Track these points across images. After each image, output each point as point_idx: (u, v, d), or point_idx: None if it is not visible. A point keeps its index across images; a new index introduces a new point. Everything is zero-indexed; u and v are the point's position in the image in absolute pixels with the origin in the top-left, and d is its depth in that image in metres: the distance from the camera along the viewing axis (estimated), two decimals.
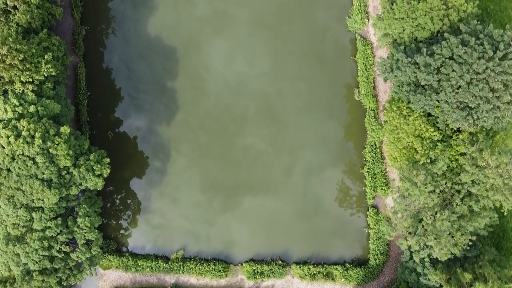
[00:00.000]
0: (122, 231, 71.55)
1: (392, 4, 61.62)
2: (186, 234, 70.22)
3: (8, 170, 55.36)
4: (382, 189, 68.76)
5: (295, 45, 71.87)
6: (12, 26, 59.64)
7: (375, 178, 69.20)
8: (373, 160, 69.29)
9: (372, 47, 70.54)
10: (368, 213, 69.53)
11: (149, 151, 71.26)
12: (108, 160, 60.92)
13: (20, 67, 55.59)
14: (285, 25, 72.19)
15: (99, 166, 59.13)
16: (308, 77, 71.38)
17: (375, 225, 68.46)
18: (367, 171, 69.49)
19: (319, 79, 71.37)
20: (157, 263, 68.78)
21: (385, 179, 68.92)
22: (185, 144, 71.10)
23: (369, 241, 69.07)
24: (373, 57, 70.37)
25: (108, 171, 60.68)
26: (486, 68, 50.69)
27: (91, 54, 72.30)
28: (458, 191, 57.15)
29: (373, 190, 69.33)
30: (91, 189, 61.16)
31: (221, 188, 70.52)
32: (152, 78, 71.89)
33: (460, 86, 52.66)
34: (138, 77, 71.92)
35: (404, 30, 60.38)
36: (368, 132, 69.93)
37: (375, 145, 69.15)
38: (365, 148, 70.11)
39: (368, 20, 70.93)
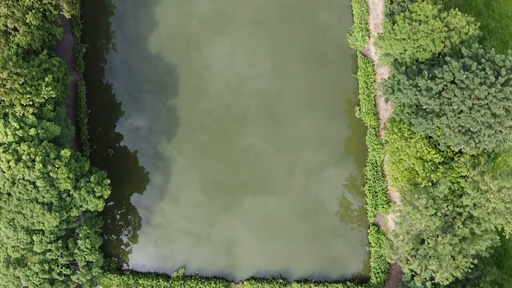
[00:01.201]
0: (122, 247, 71.39)
1: (394, 25, 61.39)
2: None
3: (9, 194, 55.20)
4: (383, 207, 68.57)
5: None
6: (13, 47, 59.40)
7: (376, 196, 69.01)
8: (374, 178, 69.10)
9: (373, 65, 70.32)
10: (369, 231, 69.33)
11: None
12: (108, 181, 60.79)
13: (21, 91, 55.40)
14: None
15: (99, 187, 58.98)
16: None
17: (376, 243, 68.28)
18: (368, 189, 69.30)
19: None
20: (158, 282, 68.60)
21: (386, 197, 68.74)
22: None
23: (370, 259, 68.90)
24: (374, 75, 70.18)
25: (109, 192, 60.55)
26: (488, 94, 50.48)
27: (91, 71, 72.07)
28: (460, 214, 57.02)
29: (374, 208, 69.14)
30: (92, 210, 60.97)
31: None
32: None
33: (461, 111, 52.48)
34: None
35: (405, 51, 60.14)
36: (369, 150, 69.73)
37: (376, 163, 68.95)
38: (366, 166, 69.90)
39: (369, 37, 70.70)
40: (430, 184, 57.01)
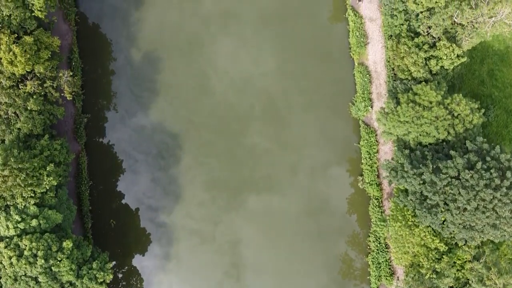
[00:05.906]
0: None
1: (397, 105, 60.84)
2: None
3: None
4: (386, 279, 68.22)
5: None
6: (14, 130, 58.91)
7: (380, 267, 68.62)
8: (378, 250, 68.71)
9: (376, 135, 69.90)
10: None
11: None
12: (110, 265, 60.42)
13: (22, 184, 54.85)
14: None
15: (102, 273, 58.57)
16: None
17: None
18: (372, 260, 68.91)
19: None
20: None
21: (389, 269, 68.37)
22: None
23: None
24: (377, 145, 69.74)
25: (111, 276, 60.20)
26: (493, 197, 50.03)
27: (92, 139, 71.52)
28: None
29: (378, 280, 68.80)
30: None
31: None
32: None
33: (466, 209, 52.06)
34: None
35: (409, 133, 59.60)
36: (372, 221, 69.34)
37: (379, 235, 68.50)
38: (369, 236, 69.56)
39: (372, 107, 70.23)
40: (434, 275, 56.53)
